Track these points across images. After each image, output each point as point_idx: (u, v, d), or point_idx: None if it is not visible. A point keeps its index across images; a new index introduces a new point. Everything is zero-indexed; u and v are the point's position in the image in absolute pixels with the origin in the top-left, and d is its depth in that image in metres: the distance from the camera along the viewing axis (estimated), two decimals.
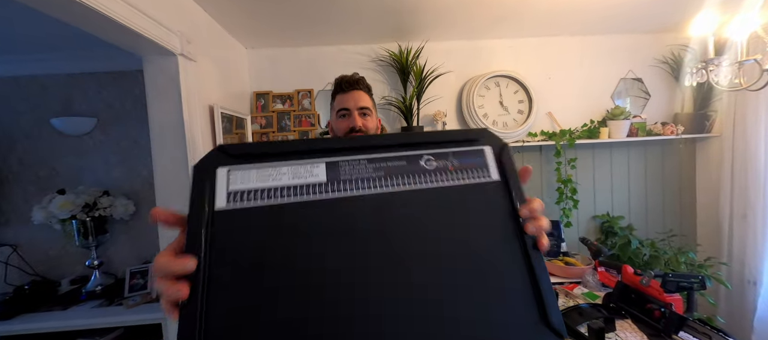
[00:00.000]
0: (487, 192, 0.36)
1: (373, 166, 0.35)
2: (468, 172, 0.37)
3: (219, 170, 0.32)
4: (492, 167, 0.38)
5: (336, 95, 0.91)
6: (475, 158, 0.38)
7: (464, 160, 0.38)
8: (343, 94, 0.89)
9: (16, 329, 1.36)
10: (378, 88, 1.87)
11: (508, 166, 0.38)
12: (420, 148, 0.37)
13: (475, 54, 1.88)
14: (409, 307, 0.30)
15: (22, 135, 1.65)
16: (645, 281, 1.08)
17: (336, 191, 0.33)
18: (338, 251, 0.31)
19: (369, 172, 0.35)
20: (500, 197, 0.36)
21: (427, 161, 0.37)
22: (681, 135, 1.81)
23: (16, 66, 1.60)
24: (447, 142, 0.38)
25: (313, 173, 0.34)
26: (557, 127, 1.88)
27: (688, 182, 1.98)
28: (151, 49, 1.06)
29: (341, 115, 0.89)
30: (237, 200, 0.31)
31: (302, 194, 0.33)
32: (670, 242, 1.81)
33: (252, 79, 1.84)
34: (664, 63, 1.91)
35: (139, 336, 1.46)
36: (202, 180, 0.32)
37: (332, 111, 0.93)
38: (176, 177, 1.18)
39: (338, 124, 0.90)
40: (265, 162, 0.34)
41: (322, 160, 0.35)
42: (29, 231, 1.64)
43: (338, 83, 0.91)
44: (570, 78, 1.91)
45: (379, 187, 0.34)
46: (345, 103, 0.88)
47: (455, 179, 0.36)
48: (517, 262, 0.34)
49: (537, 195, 1.95)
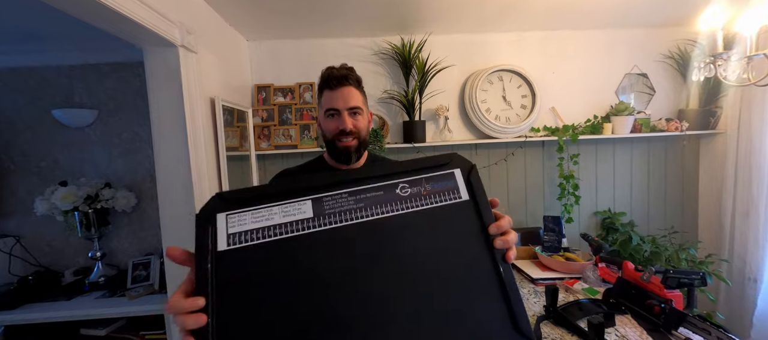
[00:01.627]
0: (458, 212, 0.40)
1: (354, 199, 0.40)
2: (440, 195, 0.41)
3: (219, 216, 0.37)
4: (462, 188, 0.42)
5: (323, 91, 0.83)
6: (447, 182, 0.42)
7: (436, 184, 0.42)
8: (331, 91, 0.81)
9: (20, 319, 1.38)
10: (380, 82, 1.85)
11: (476, 187, 0.42)
12: (396, 177, 0.41)
13: (478, 48, 1.86)
14: (392, 318, 0.34)
15: (25, 126, 1.65)
16: (646, 276, 1.08)
17: (322, 224, 0.38)
18: (326, 277, 0.35)
19: (350, 204, 0.39)
20: (471, 215, 0.40)
21: (402, 189, 0.41)
22: (685, 131, 1.79)
23: (17, 57, 1.59)
24: (420, 169, 0.42)
25: (301, 210, 0.38)
26: (560, 122, 1.87)
27: (690, 179, 1.97)
28: (151, 40, 1.05)
29: (330, 115, 0.81)
30: (236, 242, 0.36)
31: (292, 231, 0.37)
32: (671, 238, 1.81)
33: (253, 72, 1.82)
34: (669, 58, 1.88)
35: (141, 326, 1.48)
36: (205, 226, 0.36)
37: (320, 109, 0.85)
38: (177, 170, 1.18)
39: (327, 125, 0.82)
40: (258, 205, 0.38)
41: (308, 198, 0.39)
42: (32, 222, 1.65)
43: (326, 78, 0.81)
44: (574, 73, 1.89)
45: (361, 216, 0.38)
46: (333, 102, 0.80)
47: (429, 202, 0.40)
48: (488, 275, 0.38)
49: (538, 190, 1.95)
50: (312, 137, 1.79)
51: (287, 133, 1.78)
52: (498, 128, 1.78)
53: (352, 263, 0.36)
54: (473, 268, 0.38)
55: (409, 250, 0.38)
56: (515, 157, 1.91)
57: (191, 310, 0.32)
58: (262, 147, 1.78)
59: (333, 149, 0.83)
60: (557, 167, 1.86)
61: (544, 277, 1.36)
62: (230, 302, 0.33)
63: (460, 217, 0.40)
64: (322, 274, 0.35)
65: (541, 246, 1.55)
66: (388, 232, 0.38)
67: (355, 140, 0.82)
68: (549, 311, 1.08)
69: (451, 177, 0.42)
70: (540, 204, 1.95)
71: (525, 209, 1.95)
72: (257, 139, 1.78)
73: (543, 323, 1.05)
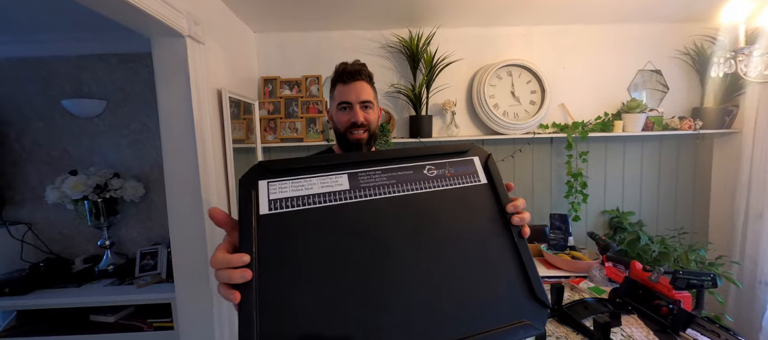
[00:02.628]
0: (478, 192, 0.45)
1: (386, 176, 0.44)
2: (461, 177, 0.46)
3: (260, 183, 0.40)
4: (480, 173, 0.47)
5: (336, 85, 0.87)
6: (467, 167, 0.47)
7: (458, 168, 0.47)
8: (344, 85, 0.85)
9: (32, 304, 1.41)
10: (387, 76, 1.84)
11: (493, 171, 0.47)
12: (423, 160, 0.47)
13: (487, 42, 1.83)
14: (421, 283, 0.38)
15: (36, 116, 1.67)
16: (654, 277, 1.07)
17: (357, 196, 0.41)
18: (360, 243, 0.39)
19: (383, 179, 0.43)
20: (489, 196, 0.45)
21: (428, 170, 0.46)
22: (699, 130, 1.75)
23: (28, 47, 1.60)
24: (443, 153, 0.48)
25: (338, 183, 0.42)
26: (570, 119, 1.84)
27: (702, 179, 1.93)
28: (158, 30, 1.05)
29: (342, 108, 0.85)
30: (277, 207, 0.39)
31: (329, 200, 0.40)
32: (680, 239, 1.78)
33: (260, 64, 1.82)
34: (685, 55, 1.83)
35: (149, 314, 1.51)
36: (248, 190, 0.39)
37: (332, 102, 0.89)
38: (184, 161, 1.18)
39: (339, 117, 0.86)
40: (296, 175, 0.41)
41: (345, 172, 0.43)
42: (44, 210, 1.69)
43: (340, 73, 0.86)
44: (585, 69, 1.85)
45: (392, 191, 0.43)
46: (346, 95, 0.84)
47: (452, 183, 0.45)
48: (507, 247, 0.42)
49: (546, 188, 1.92)
50: (318, 131, 1.79)
51: (293, 126, 1.78)
52: (506, 124, 1.75)
53: (384, 231, 0.40)
54: (493, 242, 0.42)
55: (435, 223, 0.42)
56: (523, 154, 1.89)
57: (238, 265, 0.34)
58: (268, 140, 1.78)
59: (344, 141, 0.87)
60: (565, 165, 1.83)
61: (549, 275, 1.35)
62: (270, 261, 0.36)
63: (480, 197, 0.45)
64: (357, 240, 0.39)
65: (546, 244, 1.54)
66: (417, 206, 0.42)
67: (366, 133, 0.85)
68: (554, 310, 1.07)
69: (470, 163, 0.47)
70: (547, 202, 1.93)
71: (531, 206, 1.93)
72: (263, 131, 1.78)
73: (548, 321, 1.04)
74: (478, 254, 0.41)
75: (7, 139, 1.67)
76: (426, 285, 0.37)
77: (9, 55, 1.63)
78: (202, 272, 1.24)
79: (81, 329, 1.46)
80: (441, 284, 0.38)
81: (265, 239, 0.37)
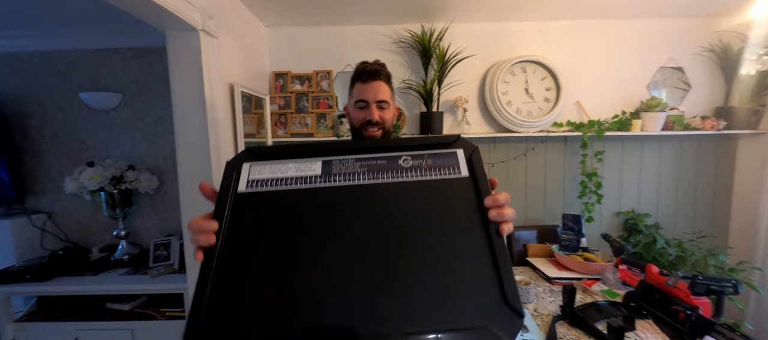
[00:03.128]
0: (456, 185, 0.43)
1: (359, 164, 0.44)
2: (440, 169, 0.44)
3: (244, 165, 0.44)
4: (462, 165, 0.45)
5: (356, 83, 0.90)
6: (448, 159, 0.45)
7: (437, 160, 0.45)
8: (363, 84, 0.88)
9: (51, 290, 1.46)
10: (398, 71, 1.82)
11: (477, 166, 0.44)
12: (401, 151, 0.46)
13: (501, 37, 1.79)
14: (383, 275, 0.37)
15: (55, 109, 1.72)
16: (671, 281, 1.03)
17: (327, 182, 0.43)
18: (324, 227, 0.40)
19: (355, 168, 0.44)
20: (468, 189, 0.43)
21: (404, 160, 0.45)
22: (722, 130, 1.68)
23: (47, 41, 1.64)
24: (426, 145, 0.46)
25: (311, 168, 0.44)
26: (585, 117, 1.79)
27: (724, 182, 1.85)
28: (172, 24, 1.06)
29: (359, 106, 0.89)
30: (253, 187, 0.42)
31: (301, 184, 0.43)
32: (699, 243, 1.72)
33: (271, 59, 1.82)
34: (709, 51, 1.75)
35: (162, 303, 1.54)
36: (231, 171, 0.44)
37: (351, 98, 0.93)
38: (197, 155, 1.20)
39: (356, 114, 0.90)
40: (277, 160, 0.45)
41: (319, 159, 0.45)
42: (62, 200, 1.74)
43: (359, 72, 0.89)
44: (603, 65, 1.79)
45: (363, 179, 0.43)
46: (364, 94, 0.88)
47: (429, 174, 0.44)
48: (480, 245, 0.39)
49: (558, 188, 1.88)
50: (328, 126, 1.78)
51: (303, 122, 1.79)
52: (519, 122, 1.72)
53: (349, 218, 0.40)
54: (465, 237, 0.40)
55: (404, 213, 0.41)
56: (535, 153, 1.85)
57: (206, 230, 0.39)
58: (279, 134, 1.79)
59: (359, 137, 0.91)
60: (580, 164, 1.79)
61: (560, 276, 1.33)
62: (239, 232, 0.39)
63: (458, 190, 0.43)
64: (321, 223, 0.40)
65: (558, 245, 1.51)
66: (387, 195, 0.42)
67: (380, 130, 0.89)
68: (565, 311, 1.05)
69: (452, 155, 0.46)
70: (559, 202, 1.89)
71: (543, 206, 1.90)
72: (274, 126, 1.79)
73: (558, 323, 1.02)
74: (449, 248, 0.39)
75: (29, 131, 1.73)
76: (385, 274, 0.37)
77: (30, 49, 1.67)
78: None
79: (98, 315, 1.51)
80: (403, 274, 0.37)
81: (238, 213, 0.41)
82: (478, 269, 0.38)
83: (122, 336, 1.47)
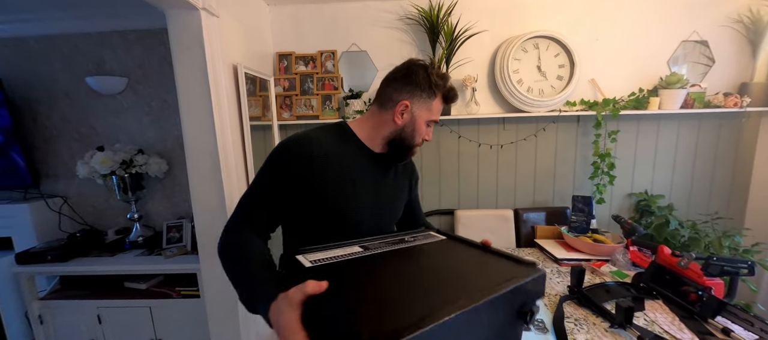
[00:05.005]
0: (436, 243, 0.70)
1: (382, 242, 0.69)
2: (423, 239, 0.71)
3: (298, 256, 0.59)
4: (438, 236, 0.74)
5: (437, 95, 0.78)
6: (431, 238, 0.73)
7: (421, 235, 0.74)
8: (445, 104, 0.81)
9: (72, 270, 1.52)
10: (405, 50, 1.76)
11: (452, 234, 0.74)
12: (403, 237, 0.73)
13: (513, 11, 1.70)
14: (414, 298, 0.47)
15: (62, 94, 1.73)
16: (684, 262, 1.02)
17: (367, 253, 0.62)
18: (375, 274, 0.55)
19: (382, 246, 0.65)
20: (456, 245, 0.69)
21: (408, 237, 0.72)
22: (746, 108, 1.60)
23: (49, 24, 1.63)
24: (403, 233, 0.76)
25: (354, 250, 0.63)
26: (600, 95, 1.72)
27: (745, 162, 1.78)
28: (173, 4, 1.03)
29: (428, 124, 0.80)
30: (314, 263, 0.56)
31: (348, 257, 0.60)
32: (714, 224, 1.68)
33: (275, 39, 1.78)
34: (738, 22, 1.64)
35: (177, 282, 1.60)
36: (295, 260, 0.58)
37: (424, 109, 0.78)
38: (204, 139, 1.20)
39: (420, 129, 0.79)
40: (325, 250, 0.62)
41: (357, 243, 0.67)
42: (77, 184, 1.78)
43: (449, 93, 0.79)
44: (620, 40, 1.70)
45: (389, 248, 0.65)
46: (438, 114, 0.81)
47: (424, 240, 0.71)
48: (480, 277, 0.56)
49: (569, 169, 1.85)
50: (333, 108, 1.76)
51: (309, 104, 1.76)
52: (530, 101, 1.66)
53: (385, 273, 0.56)
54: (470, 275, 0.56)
55: (421, 264, 0.61)
56: (546, 133, 1.80)
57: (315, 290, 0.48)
58: (284, 117, 1.78)
59: (400, 150, 0.81)
60: (592, 145, 1.73)
61: (569, 257, 1.32)
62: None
63: (435, 242, 0.70)
64: (373, 272, 0.56)
65: (567, 226, 1.50)
66: (407, 255, 0.64)
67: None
68: (573, 292, 1.05)
69: (429, 235, 0.75)
70: (569, 183, 1.86)
71: (552, 187, 1.87)
72: (279, 108, 1.77)
73: (566, 303, 1.02)
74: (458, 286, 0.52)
75: (39, 117, 1.75)
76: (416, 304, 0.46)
77: (34, 33, 1.66)
78: None
79: (117, 294, 1.57)
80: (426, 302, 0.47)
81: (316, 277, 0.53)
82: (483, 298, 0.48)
83: (141, 313, 1.54)
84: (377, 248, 0.63)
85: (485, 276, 0.54)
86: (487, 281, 0.50)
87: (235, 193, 1.31)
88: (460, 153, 1.84)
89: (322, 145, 0.73)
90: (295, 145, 0.73)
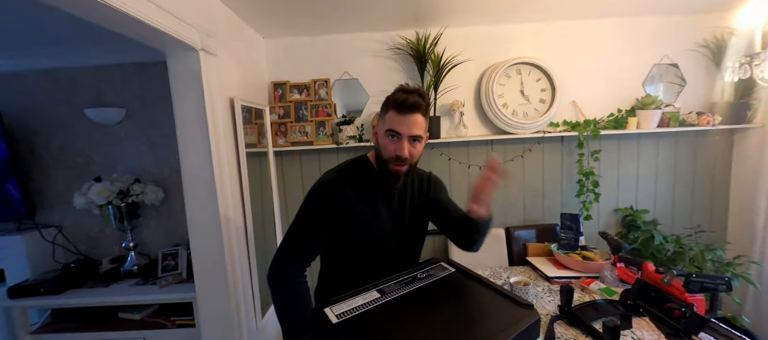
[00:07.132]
0: (449, 277, 0.83)
1: (397, 283, 0.80)
2: (434, 275, 0.84)
3: (325, 309, 0.70)
4: (449, 268, 0.87)
5: (389, 109, 0.81)
6: (441, 271, 0.86)
7: (432, 273, 0.85)
8: (399, 115, 0.80)
9: (64, 303, 1.51)
10: (394, 77, 1.84)
11: (458, 266, 0.88)
12: (416, 274, 0.84)
13: (495, 40, 1.81)
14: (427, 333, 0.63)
15: (61, 124, 1.76)
16: (666, 279, 1.06)
17: (385, 299, 0.73)
18: (396, 316, 0.68)
19: (397, 288, 0.77)
20: (461, 277, 0.84)
21: (420, 274, 0.84)
22: (718, 126, 1.69)
23: (48, 60, 1.67)
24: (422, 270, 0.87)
25: (373, 297, 0.74)
26: (582, 116, 1.81)
27: (721, 176, 1.87)
28: (173, 46, 1.09)
29: (390, 135, 0.81)
30: (340, 317, 0.67)
31: (369, 306, 0.71)
32: (697, 238, 1.74)
33: (270, 70, 1.85)
34: (704, 47, 1.76)
35: (172, 312, 1.59)
36: (322, 313, 0.68)
37: (382, 124, 0.84)
38: (201, 169, 1.23)
39: (385, 144, 0.82)
40: (348, 298, 0.73)
41: (375, 287, 0.78)
42: (72, 214, 1.78)
43: (397, 103, 0.80)
44: (597, 64, 1.81)
45: (404, 290, 0.77)
46: (397, 125, 0.80)
47: (435, 276, 0.83)
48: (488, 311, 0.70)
49: (556, 187, 1.91)
50: (327, 134, 1.81)
51: (303, 130, 1.82)
52: (515, 124, 1.74)
53: (403, 316, 0.68)
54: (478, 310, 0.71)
55: (432, 303, 0.73)
56: (532, 154, 1.87)
57: None
58: (280, 144, 1.82)
59: (384, 169, 0.86)
60: (576, 163, 1.81)
61: (559, 275, 1.35)
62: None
63: (455, 283, 0.81)
64: (393, 315, 0.68)
65: (557, 244, 1.54)
66: (420, 294, 0.75)
67: (406, 166, 0.84)
68: (563, 311, 1.08)
69: (444, 268, 0.88)
70: (557, 201, 1.92)
71: (541, 205, 1.92)
72: (274, 136, 1.82)
73: (557, 322, 1.05)
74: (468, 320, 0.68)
75: (36, 148, 1.77)
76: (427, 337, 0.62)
77: (34, 68, 1.71)
78: (220, 273, 1.30)
79: (111, 325, 1.55)
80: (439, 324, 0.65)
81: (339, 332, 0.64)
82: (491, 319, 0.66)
83: None
84: (393, 291, 0.75)
85: (488, 321, 0.65)
86: (489, 330, 0.61)
87: (231, 220, 1.33)
88: (451, 174, 1.90)
89: (345, 186, 0.87)
90: (330, 184, 0.87)
